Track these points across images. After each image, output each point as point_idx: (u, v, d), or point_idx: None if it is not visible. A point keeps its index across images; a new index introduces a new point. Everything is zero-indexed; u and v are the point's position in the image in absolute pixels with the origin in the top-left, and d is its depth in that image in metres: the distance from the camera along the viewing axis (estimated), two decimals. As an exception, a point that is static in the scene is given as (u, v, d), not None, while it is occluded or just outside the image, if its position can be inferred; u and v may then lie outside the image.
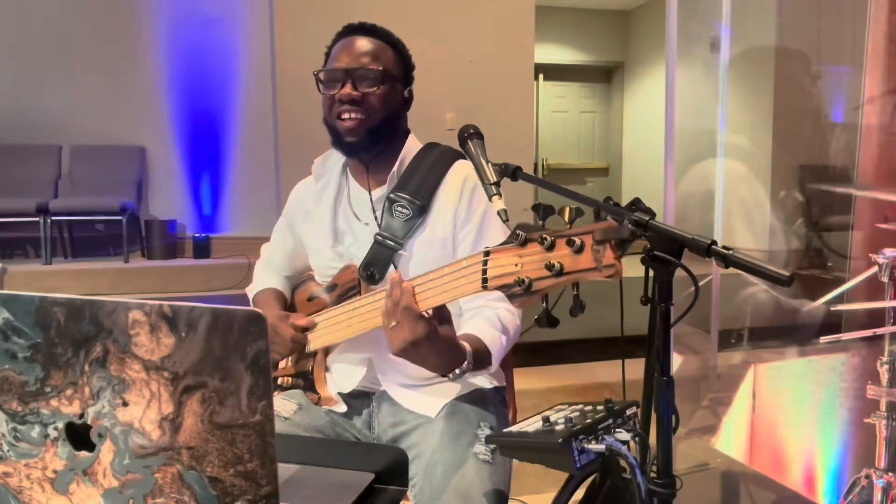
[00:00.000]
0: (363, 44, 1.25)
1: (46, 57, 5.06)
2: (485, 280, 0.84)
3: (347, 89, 1.22)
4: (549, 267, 0.75)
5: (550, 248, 0.76)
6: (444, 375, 1.02)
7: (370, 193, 1.30)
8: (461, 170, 1.28)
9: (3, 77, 5.01)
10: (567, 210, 0.79)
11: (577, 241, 0.73)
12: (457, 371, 1.02)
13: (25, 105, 5.05)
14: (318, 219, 1.36)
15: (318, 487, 0.83)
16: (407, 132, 1.34)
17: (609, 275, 0.72)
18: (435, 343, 0.95)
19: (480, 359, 1.08)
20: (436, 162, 1.29)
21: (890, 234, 2.18)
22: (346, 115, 1.23)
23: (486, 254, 0.84)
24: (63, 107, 5.09)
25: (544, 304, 0.81)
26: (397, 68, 1.28)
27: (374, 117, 1.24)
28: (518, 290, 0.79)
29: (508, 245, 0.81)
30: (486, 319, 1.19)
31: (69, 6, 5.07)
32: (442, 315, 0.97)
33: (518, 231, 0.80)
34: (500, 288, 0.82)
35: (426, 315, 0.94)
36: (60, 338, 0.62)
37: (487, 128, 1.15)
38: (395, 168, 1.28)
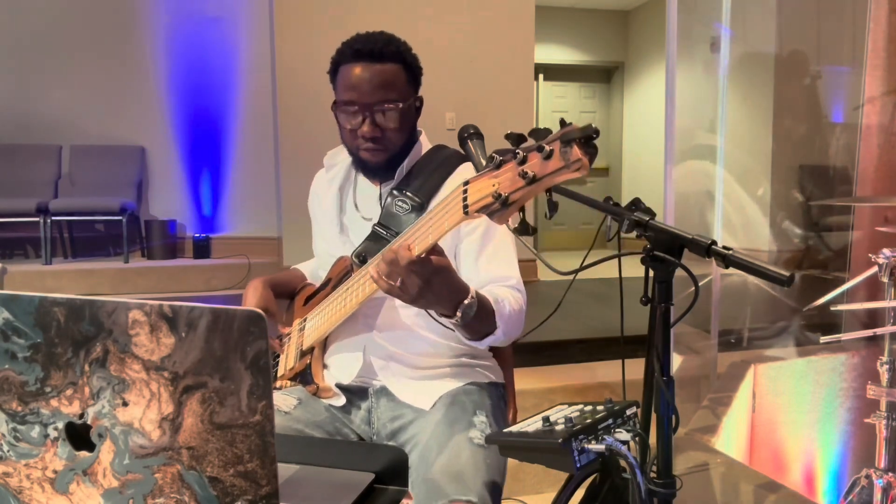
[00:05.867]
0: (375, 72, 1.22)
1: (46, 57, 5.06)
2: (466, 207, 0.88)
3: (367, 127, 1.23)
4: (523, 175, 0.80)
5: (523, 161, 0.80)
6: (453, 315, 1.04)
7: (380, 189, 1.33)
8: (466, 171, 1.29)
9: (3, 77, 5.01)
10: (535, 131, 0.82)
11: (547, 147, 0.78)
12: (465, 303, 1.03)
13: (25, 105, 5.05)
14: (326, 207, 1.40)
15: (318, 487, 0.83)
16: (417, 132, 1.35)
17: (577, 168, 0.77)
18: (442, 274, 0.99)
19: (484, 306, 1.09)
20: (441, 164, 1.31)
21: (890, 234, 2.18)
22: (367, 147, 1.25)
23: (466, 183, 0.89)
24: (63, 107, 5.09)
25: (521, 215, 0.85)
26: (410, 87, 1.27)
27: (394, 147, 1.27)
28: (496, 207, 0.83)
29: (485, 171, 0.86)
30: (489, 291, 1.19)
31: (69, 6, 5.07)
32: (439, 251, 1.00)
33: (493, 155, 0.84)
34: (480, 210, 0.86)
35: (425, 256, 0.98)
36: (60, 338, 0.62)
37: (487, 128, 1.15)
38: (405, 162, 1.30)
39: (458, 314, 1.04)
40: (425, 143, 1.36)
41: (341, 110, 1.25)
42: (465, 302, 1.04)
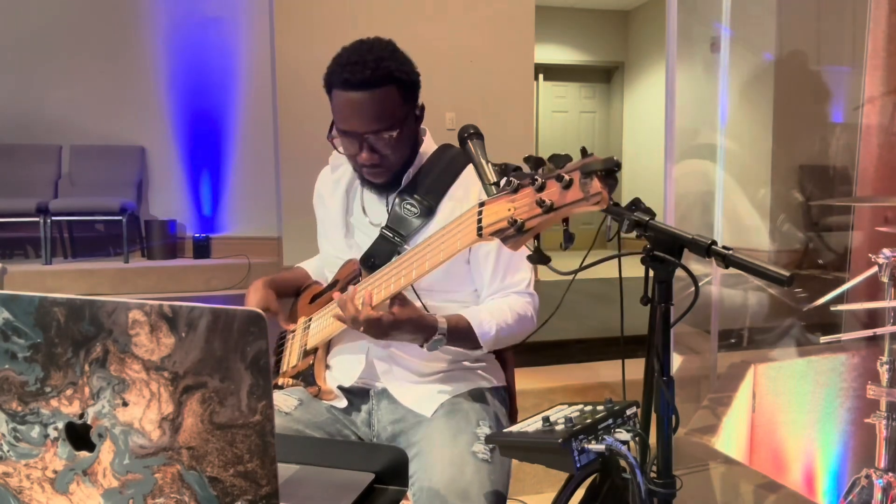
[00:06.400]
0: (368, 102, 1.17)
1: (46, 57, 5.06)
2: (480, 229, 0.88)
3: (365, 155, 1.21)
4: (541, 204, 0.79)
5: (541, 188, 0.80)
6: (422, 346, 1.14)
7: (388, 197, 1.32)
8: (472, 172, 1.28)
9: (3, 77, 5.01)
10: (555, 157, 0.82)
11: (566, 177, 0.77)
12: (434, 339, 1.13)
13: (25, 105, 5.05)
14: (332, 208, 1.40)
15: (318, 487, 0.83)
16: (421, 130, 1.34)
17: (596, 202, 0.77)
18: (401, 328, 1.09)
19: (460, 334, 1.18)
20: (448, 165, 1.30)
21: (890, 234, 2.18)
22: (367, 171, 1.25)
23: (481, 205, 0.89)
24: (63, 107, 5.09)
25: (536, 243, 0.86)
26: (406, 104, 1.23)
27: (396, 164, 1.26)
28: (511, 232, 0.83)
29: (502, 194, 0.85)
30: (485, 307, 1.25)
31: (69, 6, 5.07)
32: (401, 302, 1.09)
33: (511, 179, 0.84)
34: (495, 234, 0.86)
35: (381, 313, 1.08)
36: (60, 338, 0.62)
37: (487, 128, 1.15)
38: (410, 170, 1.29)
39: (426, 346, 1.13)
40: (429, 144, 1.34)
41: (339, 138, 1.23)
42: (434, 338, 1.13)
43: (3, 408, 0.65)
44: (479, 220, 0.88)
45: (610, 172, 0.76)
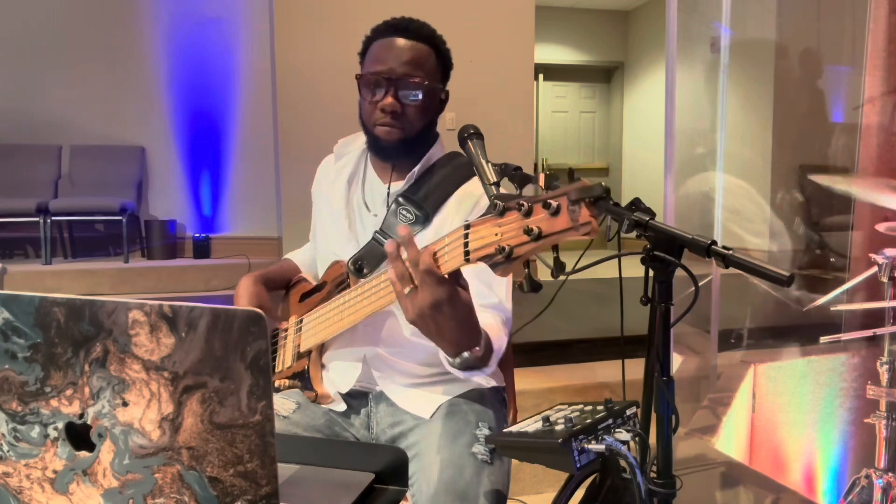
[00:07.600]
0: (407, 48, 1.22)
1: (46, 57, 5.06)
2: (467, 253, 0.83)
3: (389, 99, 1.20)
4: (528, 231, 0.76)
5: (528, 213, 0.77)
6: (454, 355, 0.95)
7: (389, 187, 1.30)
8: (473, 186, 1.26)
9: (4, 77, 5.01)
10: (542, 176, 0.80)
11: (554, 203, 0.74)
12: (466, 354, 0.95)
13: (25, 105, 5.05)
14: (333, 198, 1.37)
15: (318, 487, 0.83)
16: (436, 135, 1.33)
17: (586, 232, 0.74)
18: (456, 308, 0.88)
19: (486, 353, 1.01)
20: (452, 173, 1.28)
21: (890, 234, 2.18)
22: (384, 121, 1.22)
23: (467, 227, 0.84)
24: (63, 107, 5.09)
25: (526, 270, 0.82)
26: (438, 73, 1.26)
27: (411, 129, 1.24)
28: (500, 259, 0.79)
29: (488, 216, 0.82)
30: (493, 318, 1.15)
31: (69, 6, 5.07)
32: (460, 282, 0.90)
33: (496, 202, 0.80)
34: (482, 259, 0.82)
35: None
36: (60, 338, 0.62)
37: (487, 128, 1.15)
38: (417, 168, 1.27)
39: (458, 360, 0.96)
40: (440, 148, 1.33)
41: (365, 81, 1.23)
42: (476, 349, 0.95)
43: (3, 408, 0.65)
44: (466, 245, 0.83)
45: (597, 200, 0.73)
